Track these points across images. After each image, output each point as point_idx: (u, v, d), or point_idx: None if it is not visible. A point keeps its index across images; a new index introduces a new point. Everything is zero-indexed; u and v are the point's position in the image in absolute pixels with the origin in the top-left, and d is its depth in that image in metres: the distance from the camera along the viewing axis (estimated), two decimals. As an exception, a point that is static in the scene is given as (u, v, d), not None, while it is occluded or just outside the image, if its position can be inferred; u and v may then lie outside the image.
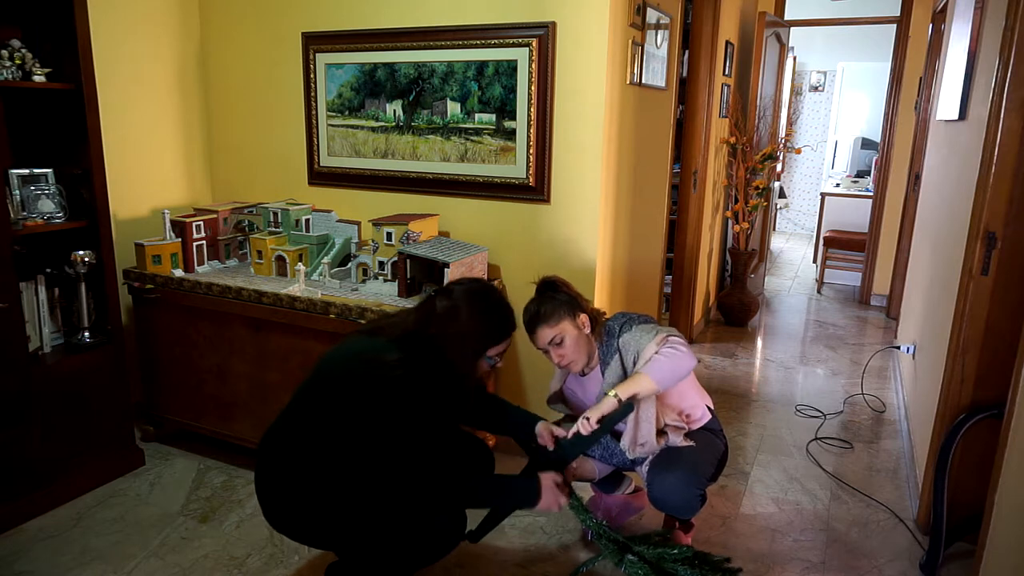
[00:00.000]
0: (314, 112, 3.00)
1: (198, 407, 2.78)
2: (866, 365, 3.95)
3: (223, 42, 3.19)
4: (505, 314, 1.82)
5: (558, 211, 2.65)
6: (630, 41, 2.65)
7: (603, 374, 2.08)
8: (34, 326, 2.44)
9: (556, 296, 2.05)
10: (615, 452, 2.13)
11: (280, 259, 2.75)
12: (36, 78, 2.35)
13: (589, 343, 2.08)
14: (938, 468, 2.19)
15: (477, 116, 2.69)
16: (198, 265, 2.78)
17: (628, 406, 1.91)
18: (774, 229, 7.79)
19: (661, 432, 2.06)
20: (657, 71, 3.04)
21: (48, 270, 2.48)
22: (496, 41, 2.59)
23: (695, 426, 2.15)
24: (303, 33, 2.94)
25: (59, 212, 2.44)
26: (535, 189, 2.65)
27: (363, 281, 2.65)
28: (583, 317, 2.05)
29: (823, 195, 6.39)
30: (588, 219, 2.61)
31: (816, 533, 2.41)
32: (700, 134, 4.13)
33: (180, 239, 2.74)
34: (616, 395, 1.88)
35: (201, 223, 2.78)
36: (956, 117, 2.70)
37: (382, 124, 2.87)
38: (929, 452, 2.40)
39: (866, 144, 7.37)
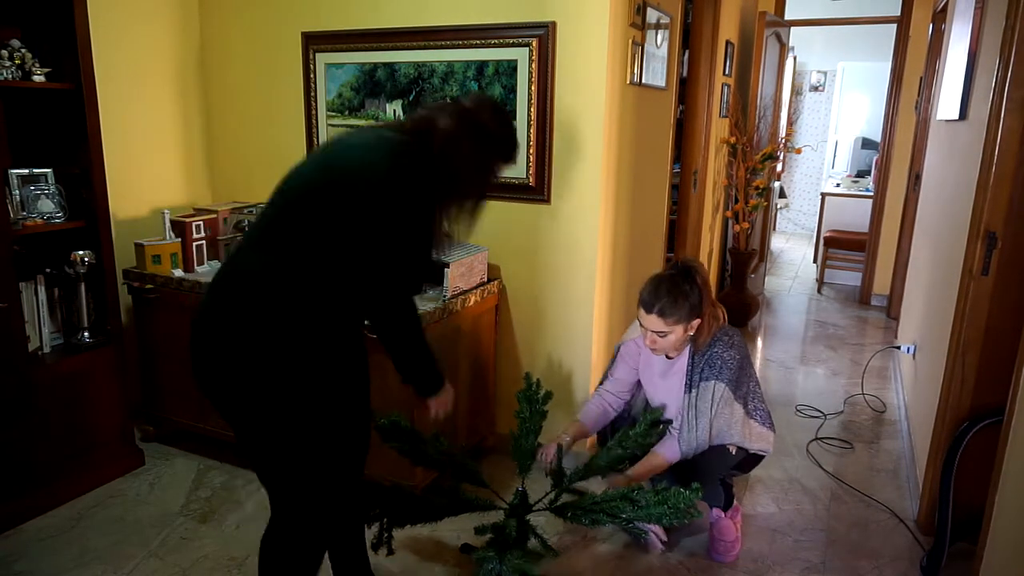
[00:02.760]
0: (314, 112, 3.00)
1: (198, 407, 2.77)
2: (866, 365, 3.95)
3: (223, 42, 3.18)
4: (513, 132, 1.73)
5: (558, 211, 2.65)
6: (630, 41, 2.65)
7: (687, 388, 2.21)
8: (34, 326, 2.44)
9: (688, 295, 2.12)
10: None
11: (280, 259, 2.75)
12: (36, 78, 2.34)
13: (686, 341, 2.21)
14: (943, 474, 2.18)
15: (477, 116, 2.68)
16: (198, 265, 2.78)
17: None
18: (774, 229, 7.78)
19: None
20: (657, 71, 3.04)
21: (48, 270, 2.48)
22: (496, 41, 2.59)
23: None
24: (303, 33, 2.94)
25: (59, 212, 2.44)
26: (535, 189, 2.65)
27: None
28: (696, 322, 2.15)
29: (823, 195, 6.39)
30: (588, 219, 2.61)
31: (816, 533, 2.41)
32: (700, 134, 4.13)
33: (180, 239, 2.74)
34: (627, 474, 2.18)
35: (201, 223, 2.78)
36: (956, 117, 2.70)
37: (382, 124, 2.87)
38: (930, 452, 2.40)
39: (866, 144, 7.37)
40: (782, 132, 5.69)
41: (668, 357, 2.29)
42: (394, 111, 2.83)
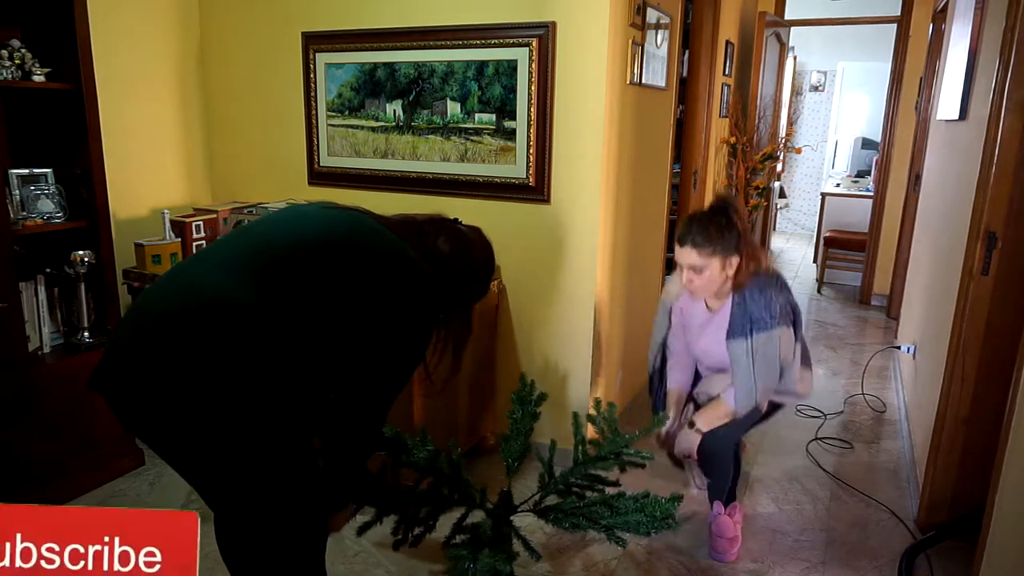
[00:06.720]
0: (314, 112, 3.00)
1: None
2: (866, 365, 3.95)
3: (223, 42, 3.18)
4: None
5: (558, 211, 2.65)
6: (630, 41, 2.65)
7: (728, 340, 2.14)
8: (34, 326, 2.44)
9: (723, 228, 2.04)
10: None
11: (280, 259, 2.75)
12: (36, 78, 2.35)
13: (724, 283, 2.11)
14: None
15: (477, 116, 2.68)
16: (198, 265, 2.78)
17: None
18: (774, 229, 7.77)
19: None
20: (657, 71, 3.04)
21: (48, 270, 2.48)
22: (496, 41, 2.59)
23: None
24: (303, 33, 2.94)
25: (59, 212, 2.44)
26: (535, 189, 2.65)
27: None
28: (734, 260, 2.07)
29: (823, 195, 6.38)
30: (588, 219, 2.61)
31: (816, 533, 2.41)
32: (700, 134, 4.13)
33: (180, 239, 2.74)
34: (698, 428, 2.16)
35: (201, 223, 2.78)
36: (956, 117, 2.70)
37: (382, 124, 2.87)
38: (930, 452, 2.40)
39: (866, 144, 7.37)
40: (782, 132, 5.70)
41: (709, 308, 2.22)
42: (394, 111, 2.83)
